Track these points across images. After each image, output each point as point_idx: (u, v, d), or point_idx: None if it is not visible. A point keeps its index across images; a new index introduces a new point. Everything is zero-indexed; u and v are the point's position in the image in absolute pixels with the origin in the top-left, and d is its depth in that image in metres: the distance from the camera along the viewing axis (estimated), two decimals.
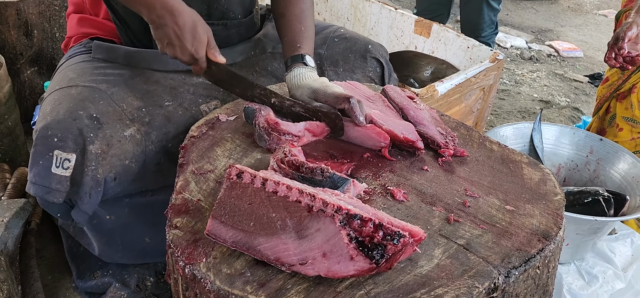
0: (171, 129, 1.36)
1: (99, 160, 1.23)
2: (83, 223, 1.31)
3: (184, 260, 0.91)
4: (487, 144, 1.28)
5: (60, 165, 1.21)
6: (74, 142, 1.21)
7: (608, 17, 5.12)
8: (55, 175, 1.21)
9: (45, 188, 1.21)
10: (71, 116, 1.23)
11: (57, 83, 1.37)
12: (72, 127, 1.22)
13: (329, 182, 1.02)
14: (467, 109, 2.06)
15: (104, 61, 1.42)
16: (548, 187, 1.13)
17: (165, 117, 1.36)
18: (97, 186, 1.24)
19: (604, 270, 1.73)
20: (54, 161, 1.20)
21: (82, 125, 1.23)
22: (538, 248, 0.96)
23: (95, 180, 1.23)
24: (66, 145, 1.21)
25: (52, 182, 1.21)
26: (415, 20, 2.45)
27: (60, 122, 1.22)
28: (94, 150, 1.22)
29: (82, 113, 1.25)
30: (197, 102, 1.43)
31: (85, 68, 1.39)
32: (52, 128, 1.22)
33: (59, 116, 1.23)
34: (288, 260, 0.87)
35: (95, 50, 1.43)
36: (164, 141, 1.35)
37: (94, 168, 1.22)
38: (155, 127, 1.34)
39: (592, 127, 2.16)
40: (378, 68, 1.70)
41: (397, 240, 0.83)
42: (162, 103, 1.38)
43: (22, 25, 2.28)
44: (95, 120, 1.25)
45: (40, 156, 1.21)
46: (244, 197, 0.92)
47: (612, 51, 1.73)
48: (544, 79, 3.74)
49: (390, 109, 1.32)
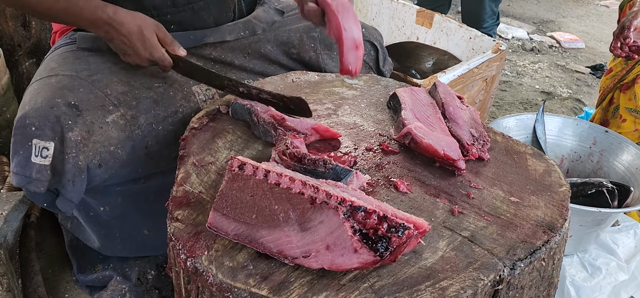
0: (160, 111, 1.34)
1: (79, 147, 1.21)
2: (69, 212, 1.29)
3: (186, 253, 0.89)
4: (491, 134, 1.26)
5: (39, 153, 1.19)
6: (51, 130, 1.20)
7: (610, 8, 5.10)
8: (35, 164, 1.20)
9: (27, 178, 1.21)
10: (48, 104, 1.22)
11: (39, 74, 1.36)
12: (49, 114, 1.20)
13: (332, 173, 1.00)
14: (470, 100, 2.04)
15: (89, 50, 1.41)
16: (553, 178, 1.12)
17: (153, 99, 1.34)
18: (79, 173, 1.22)
19: (607, 261, 1.72)
20: (33, 150, 1.19)
21: (60, 112, 1.21)
22: (543, 240, 0.95)
23: (77, 168, 1.22)
24: (44, 134, 1.19)
25: (32, 172, 1.20)
26: (417, 10, 2.43)
27: (38, 111, 1.21)
28: (73, 137, 1.21)
29: (60, 100, 1.23)
30: (188, 82, 1.41)
31: (67, 57, 1.38)
32: (29, 117, 1.20)
33: (36, 105, 1.22)
34: (291, 253, 0.86)
35: (79, 40, 1.42)
36: (154, 124, 1.33)
37: (74, 156, 1.21)
38: (143, 110, 1.32)
39: (596, 119, 2.15)
40: (372, 51, 1.68)
41: (402, 232, 0.82)
42: (150, 85, 1.36)
43: (19, 16, 2.26)
44: (74, 107, 1.24)
45: (19, 146, 1.21)
46: (246, 189, 0.90)
47: (618, 40, 1.71)
48: (545, 70, 3.73)
49: (441, 121, 1.26)
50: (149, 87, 1.36)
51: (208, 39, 1.51)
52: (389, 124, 1.29)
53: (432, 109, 1.29)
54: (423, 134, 1.15)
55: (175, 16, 1.47)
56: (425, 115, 1.26)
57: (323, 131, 1.21)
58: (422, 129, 1.18)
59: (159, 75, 1.39)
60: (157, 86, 1.37)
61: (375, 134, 1.24)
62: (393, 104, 1.32)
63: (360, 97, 1.40)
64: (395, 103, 1.31)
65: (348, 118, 1.30)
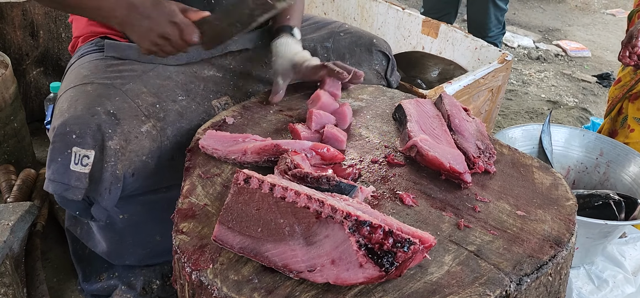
0: (184, 124, 1.36)
1: (118, 156, 1.22)
2: (103, 219, 1.30)
3: (191, 266, 0.89)
4: (497, 147, 1.26)
5: (79, 162, 1.20)
6: (92, 138, 1.21)
7: (616, 17, 5.08)
8: (74, 172, 1.20)
9: (64, 186, 1.21)
10: (89, 112, 1.23)
11: (71, 81, 1.36)
12: (90, 123, 1.21)
13: (336, 189, 1.00)
14: (475, 110, 2.04)
15: (117, 59, 1.42)
16: (560, 192, 1.11)
17: (179, 112, 1.36)
18: (116, 182, 1.23)
19: (614, 274, 1.71)
20: (73, 158, 1.20)
21: (101, 121, 1.22)
22: (550, 255, 0.94)
23: (114, 176, 1.23)
24: (85, 142, 1.20)
25: (71, 179, 1.20)
26: (423, 20, 2.43)
27: (79, 119, 1.21)
28: (113, 146, 1.22)
29: (100, 109, 1.24)
30: (208, 97, 1.43)
31: (98, 65, 1.39)
32: (70, 124, 1.21)
33: (76, 112, 1.23)
34: (296, 267, 0.85)
35: (107, 49, 1.44)
36: (178, 136, 1.35)
37: (113, 165, 1.22)
38: (170, 122, 1.34)
39: (604, 129, 2.14)
40: (384, 61, 1.70)
41: (407, 247, 0.81)
42: (175, 98, 1.38)
43: (27, 25, 2.28)
44: (113, 116, 1.25)
45: (58, 153, 1.20)
46: (251, 202, 0.90)
47: (627, 49, 1.71)
48: (551, 79, 3.71)
49: (446, 133, 1.25)
50: (174, 100, 1.38)
51: (231, 48, 1.53)
52: (394, 135, 1.29)
53: (438, 121, 1.28)
54: (429, 146, 1.15)
55: None
56: (431, 127, 1.25)
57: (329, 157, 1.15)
58: (428, 141, 1.17)
59: (183, 87, 1.41)
60: (181, 99, 1.39)
61: (380, 145, 1.24)
62: (398, 115, 1.32)
63: (365, 109, 1.40)
64: (400, 115, 1.31)
65: (353, 129, 1.30)
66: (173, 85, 1.40)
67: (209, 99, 1.43)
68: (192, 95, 1.41)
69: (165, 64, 1.43)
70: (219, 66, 1.51)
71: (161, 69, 1.42)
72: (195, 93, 1.42)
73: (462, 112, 1.32)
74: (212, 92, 1.45)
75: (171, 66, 1.44)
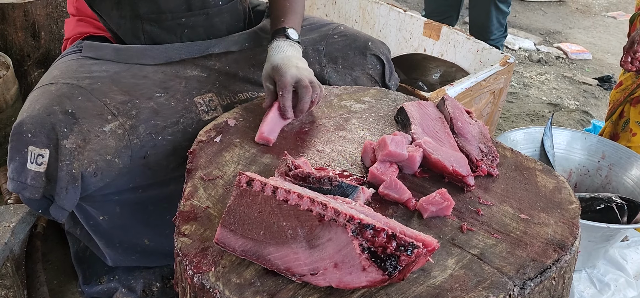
0: (160, 121, 1.34)
1: (74, 155, 1.22)
2: (62, 219, 1.30)
3: (193, 268, 0.89)
4: (500, 150, 1.25)
5: (34, 160, 1.21)
6: (46, 137, 1.21)
7: (617, 19, 5.08)
8: (30, 171, 1.21)
9: (22, 184, 1.22)
10: (45, 112, 1.23)
11: (41, 82, 1.37)
12: (45, 122, 1.21)
13: (338, 190, 1.00)
14: (477, 112, 2.04)
15: (93, 59, 1.42)
16: (563, 195, 1.11)
17: (154, 109, 1.35)
18: (73, 181, 1.23)
19: (615, 277, 1.70)
20: (29, 157, 1.21)
21: (56, 120, 1.22)
22: (554, 259, 0.94)
23: (70, 175, 1.22)
24: (39, 141, 1.21)
25: (27, 178, 1.21)
26: (425, 22, 2.43)
27: (34, 118, 1.22)
28: (68, 145, 1.21)
29: (57, 108, 1.24)
30: (190, 94, 1.41)
31: (70, 66, 1.39)
32: (26, 124, 1.21)
33: (33, 112, 1.23)
34: (299, 270, 0.85)
35: (85, 49, 1.44)
36: (152, 134, 1.33)
37: (68, 163, 1.21)
38: (142, 120, 1.32)
39: (605, 132, 2.14)
40: (378, 65, 1.67)
41: (411, 250, 0.81)
42: (151, 95, 1.37)
43: (29, 26, 2.27)
44: (71, 115, 1.24)
45: (16, 152, 1.22)
46: (254, 205, 0.90)
47: (628, 55, 1.70)
48: (552, 81, 3.71)
49: (449, 136, 1.24)
50: (150, 97, 1.36)
51: (213, 49, 1.51)
52: None
53: (440, 123, 1.28)
54: (432, 149, 1.15)
55: (189, 20, 1.48)
56: (434, 129, 1.25)
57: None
58: (431, 144, 1.17)
59: (161, 85, 1.39)
60: (159, 96, 1.37)
61: None
62: (401, 118, 1.32)
63: (368, 111, 1.40)
64: (402, 117, 1.30)
65: (356, 132, 1.30)
66: (150, 83, 1.39)
67: (191, 95, 1.41)
68: (171, 92, 1.39)
69: (142, 64, 1.43)
70: (202, 66, 1.49)
71: (137, 69, 1.41)
72: (175, 90, 1.40)
73: (465, 114, 1.32)
74: (195, 89, 1.42)
75: (149, 66, 1.43)
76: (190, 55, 1.48)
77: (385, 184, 1.06)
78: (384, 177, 1.08)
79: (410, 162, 1.13)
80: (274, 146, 1.23)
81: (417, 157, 1.13)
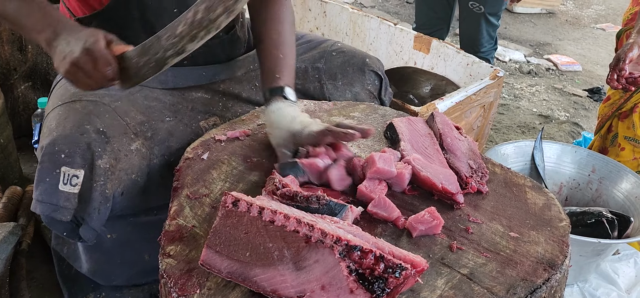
0: (173, 143, 1.34)
1: (107, 175, 1.19)
2: (91, 241, 1.27)
3: (177, 291, 0.87)
4: (490, 166, 1.25)
5: (68, 181, 1.16)
6: (82, 158, 1.17)
7: (606, 31, 5.13)
8: (63, 192, 1.16)
9: (53, 206, 1.17)
10: (78, 131, 1.20)
11: (59, 98, 1.33)
12: (80, 141, 1.18)
13: (326, 209, 0.98)
14: (468, 126, 2.03)
15: None
16: (553, 213, 1.10)
17: (168, 131, 1.35)
18: (105, 202, 1.20)
19: (607, 292, 1.70)
20: (62, 178, 1.16)
21: (90, 139, 1.19)
22: (544, 278, 0.93)
23: (103, 196, 1.19)
24: (74, 161, 1.17)
25: (59, 200, 1.16)
26: (415, 36, 2.43)
27: (67, 137, 1.18)
28: (103, 165, 1.19)
29: (89, 127, 1.21)
30: (196, 118, 1.41)
31: None
32: (59, 143, 1.17)
33: (65, 131, 1.20)
34: (285, 293, 0.83)
35: None
36: (167, 155, 1.33)
37: (102, 184, 1.19)
38: (158, 141, 1.32)
39: (594, 146, 2.14)
40: (376, 81, 1.67)
41: (399, 272, 0.80)
42: (163, 118, 1.37)
43: (16, 40, 2.25)
44: (103, 134, 1.22)
45: (46, 173, 1.17)
46: (239, 226, 0.88)
47: (614, 73, 1.71)
48: (543, 93, 3.73)
49: (438, 152, 1.22)
50: (162, 120, 1.36)
51: (220, 76, 1.51)
52: None
53: (429, 139, 1.27)
54: (421, 166, 1.14)
55: None
56: (423, 146, 1.24)
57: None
58: (420, 160, 1.16)
59: (170, 108, 1.39)
60: (169, 120, 1.37)
61: None
62: (390, 134, 1.31)
63: None
64: (392, 133, 1.29)
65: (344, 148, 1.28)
66: (161, 106, 1.39)
67: (196, 120, 1.41)
68: (179, 116, 1.39)
69: (151, 87, 1.42)
70: (207, 88, 1.49)
71: (148, 91, 1.41)
72: (183, 114, 1.40)
73: (454, 130, 1.31)
74: (200, 113, 1.43)
75: (158, 89, 1.42)
76: (198, 82, 1.47)
77: (374, 203, 1.05)
78: (373, 195, 1.06)
79: (399, 179, 1.12)
80: (261, 163, 1.22)
81: (406, 174, 1.12)
